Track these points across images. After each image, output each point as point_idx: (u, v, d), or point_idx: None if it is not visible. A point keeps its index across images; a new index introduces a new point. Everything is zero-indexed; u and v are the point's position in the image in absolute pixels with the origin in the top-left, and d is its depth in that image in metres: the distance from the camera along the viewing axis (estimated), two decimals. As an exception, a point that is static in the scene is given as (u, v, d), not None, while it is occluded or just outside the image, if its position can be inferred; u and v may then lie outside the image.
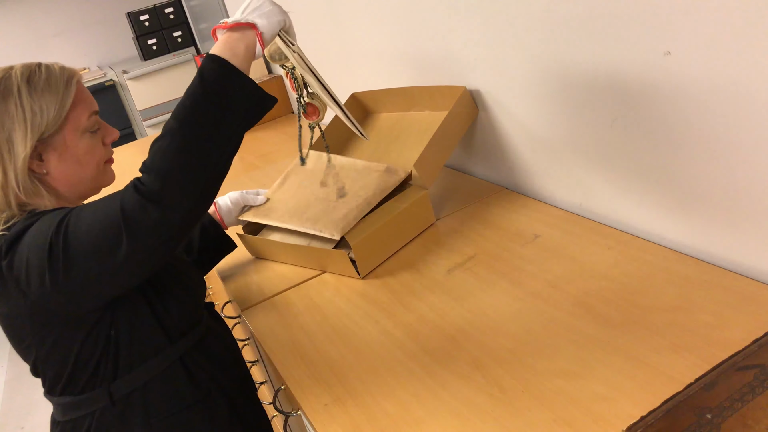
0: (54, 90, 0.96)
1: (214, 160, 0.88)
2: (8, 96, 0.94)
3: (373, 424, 0.93)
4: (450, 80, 1.61)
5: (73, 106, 0.98)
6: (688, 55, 0.98)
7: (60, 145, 0.98)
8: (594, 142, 1.25)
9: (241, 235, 1.51)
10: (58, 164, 0.99)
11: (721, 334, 0.91)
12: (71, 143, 0.99)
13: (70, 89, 0.98)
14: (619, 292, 1.06)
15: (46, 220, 0.90)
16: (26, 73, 0.96)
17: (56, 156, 0.98)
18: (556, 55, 1.24)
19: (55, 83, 0.97)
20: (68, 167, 1.00)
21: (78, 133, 0.99)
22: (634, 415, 0.79)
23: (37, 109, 0.94)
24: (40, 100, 0.95)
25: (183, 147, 0.86)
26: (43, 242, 0.86)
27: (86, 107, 1.01)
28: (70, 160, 1.00)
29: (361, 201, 1.37)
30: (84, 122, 1.00)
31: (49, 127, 0.95)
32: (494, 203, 1.49)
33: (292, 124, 2.77)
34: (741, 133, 0.96)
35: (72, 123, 0.98)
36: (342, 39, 2.13)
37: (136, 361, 1.01)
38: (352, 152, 1.77)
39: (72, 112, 0.98)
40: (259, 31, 0.98)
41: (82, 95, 1.01)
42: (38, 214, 0.95)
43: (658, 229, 1.19)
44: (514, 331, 1.04)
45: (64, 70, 1.00)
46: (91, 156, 1.02)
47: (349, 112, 1.82)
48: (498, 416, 0.88)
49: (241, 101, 0.91)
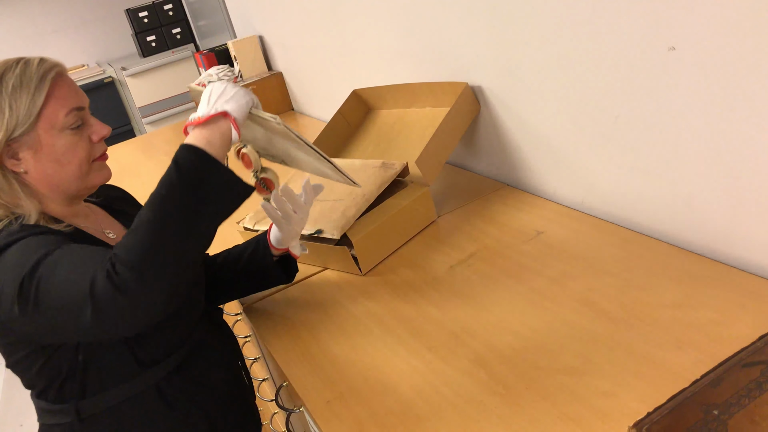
0: (25, 86, 0.92)
1: (189, 256, 0.84)
2: None
3: (376, 420, 0.93)
4: (452, 76, 1.61)
5: (46, 103, 0.93)
6: (693, 50, 0.98)
7: (34, 143, 0.94)
8: (597, 139, 1.24)
9: (244, 232, 1.51)
10: (35, 163, 0.95)
11: (725, 331, 0.91)
12: (46, 141, 0.94)
13: (43, 85, 0.93)
14: (623, 289, 1.05)
15: (28, 247, 0.87)
16: (1, 71, 0.93)
17: (32, 155, 0.94)
18: (559, 51, 1.23)
19: (28, 79, 0.93)
20: (46, 166, 0.96)
21: (54, 130, 0.95)
22: (639, 411, 0.79)
23: (6, 106, 0.91)
24: (9, 98, 0.91)
25: (158, 242, 0.81)
26: (17, 275, 0.83)
27: (63, 103, 0.95)
28: (46, 159, 0.95)
29: (360, 198, 1.37)
30: (60, 119, 0.95)
31: (19, 125, 0.92)
32: (496, 200, 1.48)
33: (291, 121, 2.77)
34: (745, 128, 0.96)
35: (47, 120, 0.94)
36: (343, 35, 2.13)
37: (105, 385, 0.98)
38: (354, 151, 1.77)
39: (46, 109, 0.93)
40: (232, 117, 0.92)
41: (59, 90, 0.95)
42: (25, 228, 0.91)
43: (662, 226, 1.18)
44: (517, 328, 1.03)
45: (43, 64, 0.95)
46: (72, 155, 0.97)
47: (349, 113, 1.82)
48: (502, 413, 0.88)
49: (219, 192, 0.86)
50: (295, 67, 2.72)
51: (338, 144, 1.79)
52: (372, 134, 1.77)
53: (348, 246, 1.30)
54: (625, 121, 1.16)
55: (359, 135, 1.80)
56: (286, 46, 2.71)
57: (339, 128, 1.79)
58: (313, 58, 2.47)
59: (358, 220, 1.33)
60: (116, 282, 0.78)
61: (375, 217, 1.34)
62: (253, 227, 1.48)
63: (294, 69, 2.75)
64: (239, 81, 2.89)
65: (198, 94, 1.07)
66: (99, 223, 1.08)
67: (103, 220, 1.10)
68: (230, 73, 2.93)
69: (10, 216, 0.95)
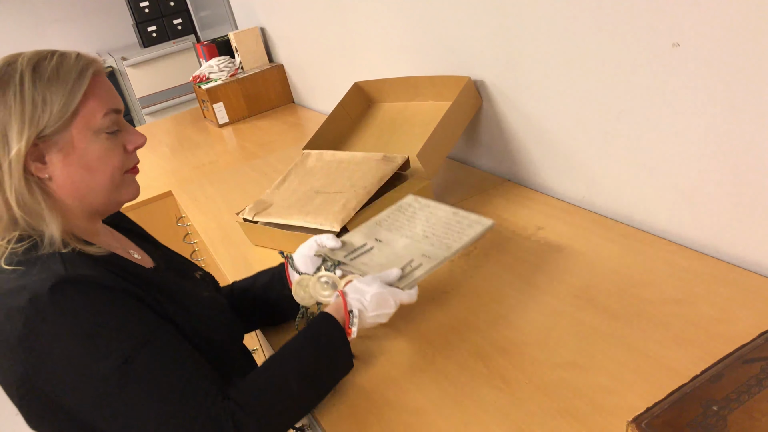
0: (63, 80, 0.83)
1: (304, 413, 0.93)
2: (7, 84, 0.81)
3: (374, 412, 0.93)
4: (454, 70, 1.60)
5: (84, 100, 0.84)
6: (697, 46, 0.98)
7: (66, 145, 0.84)
8: (599, 135, 1.24)
9: (243, 223, 1.51)
10: (62, 168, 0.85)
11: (724, 328, 0.91)
12: (80, 144, 0.85)
13: (83, 80, 0.85)
14: (623, 285, 1.05)
15: (101, 320, 0.78)
16: (34, 60, 0.84)
17: (61, 158, 0.84)
18: (563, 46, 1.23)
19: (66, 72, 0.84)
20: (75, 173, 0.85)
21: (89, 132, 0.85)
22: (637, 407, 0.79)
23: (39, 100, 0.81)
24: (44, 91, 0.82)
25: (298, 417, 0.90)
26: (94, 363, 0.76)
27: (103, 103, 0.87)
28: (76, 164, 0.85)
29: (360, 190, 1.37)
30: (98, 120, 0.86)
31: (52, 122, 0.82)
32: (497, 195, 1.48)
33: (292, 113, 2.76)
34: (748, 126, 0.96)
35: (83, 119, 0.85)
36: (346, 27, 2.12)
37: None
38: (355, 144, 1.76)
39: (83, 107, 0.84)
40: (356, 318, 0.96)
41: (99, 88, 0.87)
42: (70, 262, 0.80)
43: (662, 223, 1.18)
44: (517, 322, 1.03)
45: (80, 59, 0.86)
46: (104, 162, 0.87)
47: (351, 106, 1.82)
48: (501, 406, 0.88)
49: (344, 371, 0.97)
50: (297, 59, 2.71)
51: (339, 137, 1.78)
52: (373, 127, 1.77)
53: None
54: (628, 118, 1.16)
55: (360, 128, 1.80)
56: (288, 38, 2.70)
57: (340, 121, 1.79)
58: (315, 50, 2.46)
59: (358, 212, 1.33)
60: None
61: (375, 210, 1.34)
62: (252, 218, 1.48)
63: (295, 61, 2.74)
64: (240, 72, 2.89)
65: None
66: (121, 243, 1.00)
67: (120, 239, 1.02)
68: (231, 65, 2.92)
69: (32, 233, 0.83)
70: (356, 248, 1.15)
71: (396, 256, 1.10)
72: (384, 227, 1.20)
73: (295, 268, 1.12)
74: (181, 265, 1.08)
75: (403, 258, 1.09)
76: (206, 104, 2.86)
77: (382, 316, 0.97)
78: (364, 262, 1.11)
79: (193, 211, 1.89)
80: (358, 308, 0.96)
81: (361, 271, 1.07)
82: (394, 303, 0.97)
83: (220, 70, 2.90)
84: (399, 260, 1.09)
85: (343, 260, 1.11)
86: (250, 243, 1.56)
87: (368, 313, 0.96)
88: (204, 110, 2.99)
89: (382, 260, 1.10)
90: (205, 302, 0.99)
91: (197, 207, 1.91)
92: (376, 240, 1.17)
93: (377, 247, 1.15)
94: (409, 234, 1.16)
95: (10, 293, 0.78)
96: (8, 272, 0.80)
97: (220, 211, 1.82)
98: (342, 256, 1.13)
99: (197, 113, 3.17)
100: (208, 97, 2.77)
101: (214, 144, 2.60)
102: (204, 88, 2.77)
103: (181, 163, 2.43)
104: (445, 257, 1.07)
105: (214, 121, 2.84)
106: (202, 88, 2.81)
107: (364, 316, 0.96)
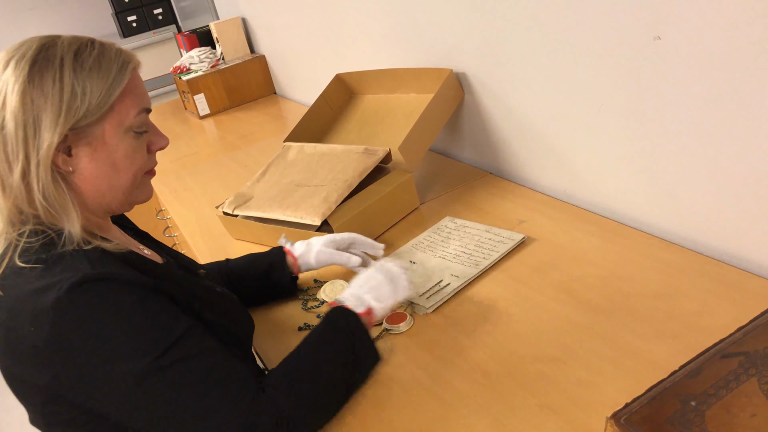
0: (105, 71, 0.80)
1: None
2: (47, 68, 0.77)
3: (353, 408, 0.92)
4: (436, 62, 1.59)
5: (122, 96, 0.81)
6: (679, 40, 0.97)
7: (96, 139, 0.81)
8: (581, 128, 1.24)
9: (223, 217, 1.49)
10: (88, 163, 0.81)
11: (705, 322, 0.91)
12: (111, 140, 0.82)
13: (124, 75, 0.82)
14: (604, 279, 1.05)
15: (133, 313, 0.75)
16: (75, 45, 0.80)
17: (89, 152, 0.81)
18: (545, 39, 1.22)
19: (107, 64, 0.80)
20: (100, 169, 0.82)
21: (121, 129, 0.83)
22: (617, 401, 0.79)
23: (79, 89, 0.77)
24: (84, 80, 0.78)
25: (332, 413, 0.90)
26: (132, 357, 0.74)
27: (137, 101, 0.84)
28: (103, 161, 0.82)
29: (341, 183, 1.35)
30: (131, 118, 0.83)
31: (89, 114, 0.78)
32: (479, 188, 1.47)
33: (273, 105, 2.74)
34: (729, 119, 0.96)
35: (117, 115, 0.82)
36: (328, 18, 2.10)
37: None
38: (336, 136, 1.75)
39: (119, 103, 0.81)
40: (372, 315, 0.98)
41: (136, 86, 0.84)
42: (91, 258, 0.77)
43: (644, 216, 1.18)
44: (498, 316, 1.03)
45: (121, 53, 0.84)
46: (130, 161, 0.85)
47: (332, 97, 1.80)
48: (481, 401, 0.87)
49: (372, 368, 0.98)
50: (279, 49, 2.68)
51: (320, 129, 1.77)
52: (355, 119, 1.75)
53: (329, 232, 1.28)
54: (610, 111, 1.15)
55: (342, 120, 1.78)
56: (270, 28, 2.67)
57: (321, 112, 1.77)
58: (297, 41, 2.44)
59: (340, 206, 1.32)
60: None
61: (357, 204, 1.33)
62: (232, 212, 1.46)
63: (277, 52, 2.71)
64: (221, 63, 2.85)
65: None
66: (130, 240, 0.98)
67: (126, 236, 0.99)
68: (212, 56, 2.88)
69: (46, 228, 0.79)
70: None
71: (427, 277, 1.15)
72: (419, 249, 1.26)
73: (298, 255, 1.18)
74: (186, 261, 1.07)
75: (433, 278, 1.14)
76: (187, 95, 2.83)
77: (384, 295, 0.99)
78: None
79: (173, 204, 1.86)
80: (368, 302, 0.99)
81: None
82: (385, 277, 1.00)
83: (201, 61, 2.86)
84: (429, 281, 1.14)
85: None
86: (231, 236, 1.54)
87: (366, 295, 0.98)
88: (185, 101, 2.95)
89: (414, 281, 1.13)
90: (221, 297, 0.98)
91: (177, 199, 1.88)
92: (410, 262, 1.22)
93: (411, 269, 1.19)
94: (442, 254, 1.22)
95: (34, 294, 0.74)
96: (27, 271, 0.76)
97: (200, 203, 1.80)
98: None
99: (178, 104, 3.13)
100: (189, 89, 2.74)
101: (194, 136, 2.57)
102: (184, 79, 2.74)
103: (162, 154, 2.38)
104: (473, 275, 1.13)
105: (194, 113, 2.81)
106: (182, 79, 2.77)
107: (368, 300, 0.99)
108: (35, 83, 0.76)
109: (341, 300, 0.97)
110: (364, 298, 0.98)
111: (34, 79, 0.77)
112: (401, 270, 1.02)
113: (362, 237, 1.21)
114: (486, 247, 1.19)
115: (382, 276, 1.00)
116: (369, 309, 0.96)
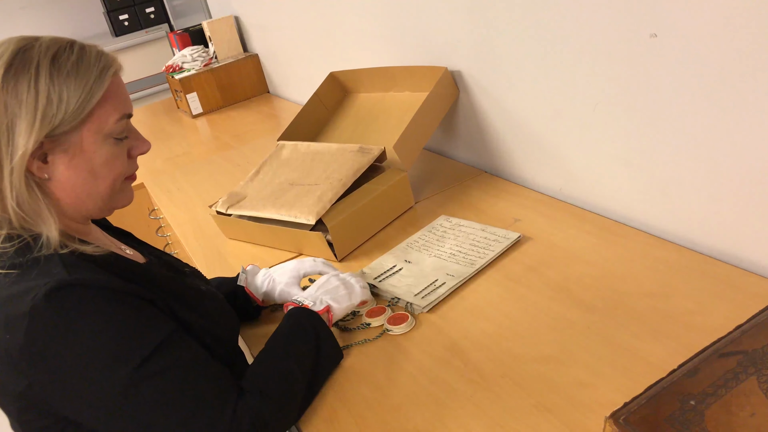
0: (83, 77, 0.77)
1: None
2: (22, 72, 0.75)
3: (349, 408, 0.91)
4: (431, 60, 1.58)
5: (101, 102, 0.79)
6: (675, 37, 0.97)
7: (74, 146, 0.78)
8: (576, 126, 1.23)
9: (217, 216, 1.48)
10: (65, 170, 0.79)
11: (701, 321, 0.91)
12: (89, 147, 0.79)
13: (104, 80, 0.79)
14: (600, 278, 1.05)
15: (113, 320, 0.74)
16: (53, 49, 0.77)
17: (66, 160, 0.79)
18: (540, 37, 1.22)
19: (86, 69, 0.78)
20: (78, 176, 0.80)
21: (100, 136, 0.80)
22: (614, 401, 0.78)
23: (55, 96, 0.75)
24: (62, 86, 0.76)
25: (302, 408, 0.92)
26: (112, 364, 0.73)
27: (118, 107, 0.81)
28: (81, 168, 0.80)
29: (336, 182, 1.35)
30: (111, 124, 0.80)
31: (66, 121, 0.76)
32: (474, 187, 1.47)
33: (266, 103, 2.72)
34: (724, 118, 0.95)
35: (96, 122, 0.79)
36: (322, 16, 2.09)
37: None
38: (330, 135, 1.74)
39: (99, 109, 0.79)
40: (331, 313, 1.02)
41: (116, 91, 0.82)
42: (67, 264, 0.75)
43: (639, 215, 1.18)
44: (494, 315, 1.02)
45: (101, 57, 0.81)
46: (109, 168, 0.82)
47: (326, 96, 1.79)
48: (477, 401, 0.86)
49: (335, 364, 1.00)
50: (272, 48, 2.67)
51: (314, 127, 1.76)
52: (349, 118, 1.74)
53: (324, 231, 1.28)
54: (605, 109, 1.15)
55: (336, 118, 1.77)
56: (263, 27, 2.66)
57: (315, 111, 1.76)
58: (291, 39, 2.42)
59: (334, 205, 1.31)
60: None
61: (351, 203, 1.32)
62: (225, 211, 1.45)
63: (270, 50, 2.70)
64: (214, 62, 2.83)
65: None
66: (112, 241, 0.96)
67: (108, 236, 0.98)
68: (205, 55, 2.87)
69: (22, 233, 0.78)
70: (385, 270, 1.19)
71: (423, 276, 1.15)
72: (414, 248, 1.25)
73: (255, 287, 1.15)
74: (170, 260, 1.06)
75: (428, 278, 1.14)
76: (180, 94, 2.81)
77: (341, 296, 1.03)
78: (392, 283, 1.15)
79: (166, 204, 1.85)
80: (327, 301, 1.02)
81: (390, 293, 1.12)
82: (340, 282, 1.05)
83: (194, 60, 2.84)
84: (425, 280, 1.14)
85: (373, 282, 1.15)
86: (224, 236, 1.53)
87: (325, 296, 1.03)
88: (177, 100, 2.93)
89: (409, 280, 1.15)
90: (206, 296, 0.96)
91: (170, 199, 1.87)
92: (405, 261, 1.21)
93: (406, 267, 1.19)
94: (437, 253, 1.21)
95: (8, 300, 0.72)
96: (1, 277, 0.75)
97: (193, 203, 1.79)
98: (372, 278, 1.17)
99: (170, 104, 3.11)
100: (182, 88, 2.72)
101: (187, 135, 2.56)
102: (177, 78, 2.72)
103: (154, 154, 2.38)
104: (469, 274, 1.12)
105: (187, 112, 2.79)
106: (175, 78, 2.76)
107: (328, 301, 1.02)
108: (9, 88, 0.74)
109: (299, 300, 1.01)
110: (322, 298, 1.02)
111: (9, 84, 0.74)
112: (355, 279, 1.07)
113: (330, 264, 1.15)
114: (481, 246, 1.19)
115: (338, 281, 1.05)
116: (327, 307, 1.00)
